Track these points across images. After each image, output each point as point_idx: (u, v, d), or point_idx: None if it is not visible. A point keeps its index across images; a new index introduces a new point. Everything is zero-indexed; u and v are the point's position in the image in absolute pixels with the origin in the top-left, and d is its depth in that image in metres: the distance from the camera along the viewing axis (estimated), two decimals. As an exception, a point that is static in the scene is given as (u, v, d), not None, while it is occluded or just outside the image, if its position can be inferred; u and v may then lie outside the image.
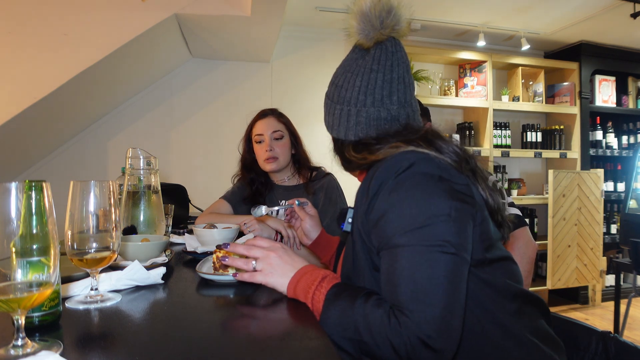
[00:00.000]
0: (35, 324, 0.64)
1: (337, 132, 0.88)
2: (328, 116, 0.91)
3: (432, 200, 0.68)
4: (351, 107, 0.85)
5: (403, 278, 0.65)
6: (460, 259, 0.66)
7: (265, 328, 0.72)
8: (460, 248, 0.66)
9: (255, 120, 1.69)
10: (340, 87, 0.87)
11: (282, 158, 1.63)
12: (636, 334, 2.91)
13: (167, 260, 1.12)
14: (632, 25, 3.00)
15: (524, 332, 0.71)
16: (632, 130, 3.77)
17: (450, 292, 0.63)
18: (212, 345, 0.61)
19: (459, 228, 0.67)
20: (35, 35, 2.13)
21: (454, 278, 0.64)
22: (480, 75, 3.41)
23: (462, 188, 0.71)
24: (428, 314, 0.62)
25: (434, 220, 0.66)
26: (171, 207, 1.51)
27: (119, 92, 2.91)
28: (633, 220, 2.88)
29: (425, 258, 0.65)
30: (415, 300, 0.63)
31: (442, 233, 0.66)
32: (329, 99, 0.91)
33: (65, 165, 2.88)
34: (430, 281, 0.63)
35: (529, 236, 1.41)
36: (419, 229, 0.66)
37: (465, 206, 0.70)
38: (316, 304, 0.73)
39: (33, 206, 0.56)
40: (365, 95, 0.84)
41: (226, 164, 3.10)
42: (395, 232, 0.68)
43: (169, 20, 2.34)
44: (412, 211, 0.67)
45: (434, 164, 0.71)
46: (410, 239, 0.66)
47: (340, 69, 0.91)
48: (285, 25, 3.09)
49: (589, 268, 3.25)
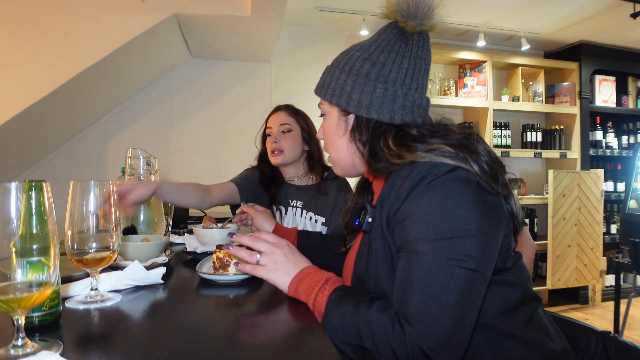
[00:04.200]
0: (35, 324, 0.64)
1: (377, 112, 0.78)
2: (360, 94, 0.79)
3: (463, 212, 0.65)
4: (397, 89, 0.79)
5: (416, 286, 0.63)
6: (479, 276, 0.64)
7: (266, 328, 0.72)
8: (482, 265, 0.64)
9: (269, 115, 1.69)
10: (382, 65, 0.79)
11: (288, 152, 1.59)
12: (636, 334, 2.91)
13: (167, 260, 1.12)
14: (632, 25, 3.00)
15: (535, 337, 0.72)
16: (632, 130, 3.77)
17: (461, 308, 0.62)
18: (212, 346, 0.61)
19: (485, 244, 0.65)
20: (35, 35, 2.13)
21: (468, 295, 0.62)
22: (480, 75, 3.41)
23: (495, 201, 0.69)
24: (435, 327, 0.60)
25: (461, 234, 0.64)
26: (171, 207, 1.51)
27: (119, 92, 2.91)
28: (633, 220, 2.88)
29: (444, 270, 0.63)
30: (424, 311, 0.61)
31: (467, 248, 0.63)
32: (359, 75, 0.80)
33: (65, 165, 2.88)
34: (443, 294, 0.61)
35: (528, 236, 1.41)
36: (444, 239, 0.64)
37: (495, 222, 0.68)
38: (318, 306, 0.73)
39: (33, 206, 0.56)
40: (412, 79, 0.80)
41: (226, 164, 3.11)
42: (419, 237, 0.65)
43: (169, 20, 2.34)
44: (441, 220, 0.64)
45: (471, 173, 0.68)
46: (433, 248, 0.64)
47: (375, 47, 0.81)
48: (285, 25, 3.09)
49: (589, 268, 3.25)
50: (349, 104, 0.80)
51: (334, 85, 0.83)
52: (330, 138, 0.87)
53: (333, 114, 0.85)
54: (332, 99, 0.83)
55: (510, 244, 0.74)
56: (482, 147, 0.71)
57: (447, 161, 0.68)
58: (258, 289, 0.91)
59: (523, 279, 0.76)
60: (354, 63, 0.81)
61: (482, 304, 0.67)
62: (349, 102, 0.80)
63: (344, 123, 0.84)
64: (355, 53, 0.82)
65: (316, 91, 0.88)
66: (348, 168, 0.88)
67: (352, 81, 0.80)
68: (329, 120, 0.86)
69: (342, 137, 0.85)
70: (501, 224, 0.69)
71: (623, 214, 3.09)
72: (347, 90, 0.80)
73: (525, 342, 0.70)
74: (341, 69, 0.82)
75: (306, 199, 1.63)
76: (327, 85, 0.84)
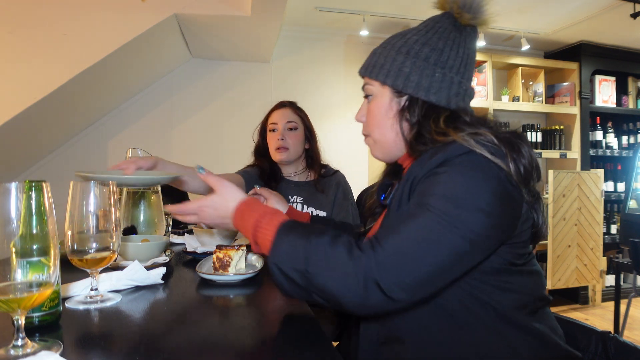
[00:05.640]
0: (35, 324, 0.64)
1: (436, 96, 0.79)
2: (419, 76, 0.79)
3: (482, 193, 0.65)
4: (454, 75, 0.80)
5: (404, 229, 0.64)
6: (471, 251, 0.64)
7: (266, 328, 0.72)
8: (478, 242, 0.64)
9: (272, 110, 1.69)
10: (440, 51, 0.80)
11: (292, 149, 1.62)
12: (636, 334, 2.91)
13: (167, 260, 1.12)
14: (632, 25, 2.99)
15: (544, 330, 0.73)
16: (632, 130, 3.77)
17: (440, 270, 0.62)
18: (212, 346, 0.61)
19: (490, 227, 0.65)
20: (35, 35, 2.13)
21: (452, 261, 0.63)
22: (480, 75, 3.41)
23: (517, 197, 0.70)
24: (404, 268, 0.61)
25: (471, 208, 0.64)
26: (171, 207, 1.51)
27: (119, 92, 2.91)
28: (633, 220, 2.88)
29: (441, 230, 0.63)
30: (400, 254, 0.62)
31: (471, 222, 0.63)
32: (417, 57, 0.80)
33: (65, 165, 2.88)
34: (429, 248, 0.62)
35: None
36: (455, 206, 0.64)
37: (509, 214, 0.69)
38: (264, 233, 0.71)
39: (33, 206, 0.56)
40: (465, 68, 0.81)
41: (226, 164, 3.10)
42: (431, 194, 0.66)
43: (169, 20, 2.34)
44: (459, 191, 0.65)
45: (503, 171, 0.68)
46: (440, 207, 0.64)
47: (432, 33, 0.82)
48: (285, 25, 3.09)
49: (589, 268, 3.25)
50: (407, 85, 0.80)
51: (388, 66, 0.82)
52: (377, 119, 0.86)
53: (384, 95, 0.84)
54: (386, 80, 0.82)
55: (526, 244, 0.75)
56: (526, 149, 0.71)
57: (485, 153, 0.68)
58: (258, 289, 0.91)
59: (536, 277, 0.77)
60: (412, 46, 0.81)
61: (494, 295, 0.69)
62: (406, 84, 0.80)
63: (396, 104, 0.83)
64: (412, 37, 0.82)
65: (365, 72, 0.87)
66: (390, 149, 0.87)
67: (410, 63, 0.80)
68: (379, 101, 0.85)
69: (390, 118, 0.84)
70: (515, 219, 0.70)
71: (623, 214, 3.08)
72: (405, 72, 0.80)
73: (535, 336, 0.71)
74: (397, 50, 0.82)
75: (305, 194, 1.64)
76: (380, 66, 0.83)
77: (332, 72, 3.36)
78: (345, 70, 3.38)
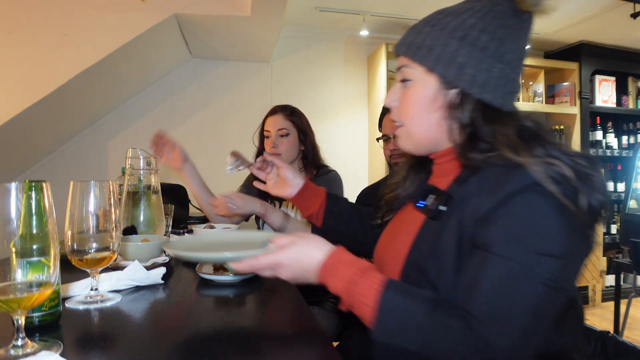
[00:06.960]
0: (35, 324, 0.64)
1: (492, 95, 0.68)
2: (476, 69, 0.68)
3: (557, 234, 0.58)
4: (510, 71, 0.69)
5: (486, 285, 0.58)
6: (555, 293, 0.58)
7: (266, 328, 0.72)
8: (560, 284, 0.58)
9: (267, 116, 1.76)
10: (500, 41, 0.68)
11: (284, 155, 1.68)
12: (636, 334, 2.91)
13: (167, 260, 1.12)
14: (632, 25, 2.99)
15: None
16: (632, 130, 3.77)
17: (533, 323, 0.57)
18: (212, 346, 0.61)
19: (566, 266, 0.59)
20: (35, 35, 2.13)
21: (542, 310, 0.57)
22: (480, 75, 3.41)
23: (590, 230, 0.62)
24: (505, 326, 0.56)
25: (548, 253, 0.57)
26: (171, 207, 1.51)
27: (119, 92, 2.91)
28: (633, 220, 2.88)
29: (520, 279, 0.57)
30: (490, 310, 0.56)
31: (550, 267, 0.57)
32: (475, 46, 0.68)
33: (65, 165, 2.88)
34: (515, 302, 0.56)
35: None
36: (530, 252, 0.58)
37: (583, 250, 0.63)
38: (361, 296, 0.62)
39: (33, 206, 0.56)
40: (519, 63, 0.71)
41: (226, 164, 3.10)
42: (503, 240, 0.59)
43: (168, 20, 2.34)
44: (533, 232, 0.58)
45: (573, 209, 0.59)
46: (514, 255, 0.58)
47: (491, 17, 0.69)
48: (285, 25, 3.09)
49: (589, 268, 3.25)
50: (460, 78, 0.68)
51: (438, 51, 0.69)
52: (416, 109, 0.74)
53: (429, 83, 0.72)
54: (435, 67, 0.70)
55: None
56: (600, 180, 0.61)
57: (554, 191, 0.58)
58: (258, 289, 0.91)
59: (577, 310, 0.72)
60: (469, 31, 0.68)
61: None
62: (460, 76, 0.68)
63: (442, 97, 0.71)
64: (469, 19, 0.69)
65: (408, 52, 0.73)
66: (427, 145, 0.76)
67: (467, 52, 0.68)
68: (421, 89, 0.73)
69: (434, 111, 0.72)
70: (587, 254, 0.64)
71: (623, 214, 3.08)
72: (460, 62, 0.68)
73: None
74: (450, 33, 0.69)
75: None
76: (427, 48, 0.70)
77: (332, 72, 3.36)
78: (345, 70, 3.38)
